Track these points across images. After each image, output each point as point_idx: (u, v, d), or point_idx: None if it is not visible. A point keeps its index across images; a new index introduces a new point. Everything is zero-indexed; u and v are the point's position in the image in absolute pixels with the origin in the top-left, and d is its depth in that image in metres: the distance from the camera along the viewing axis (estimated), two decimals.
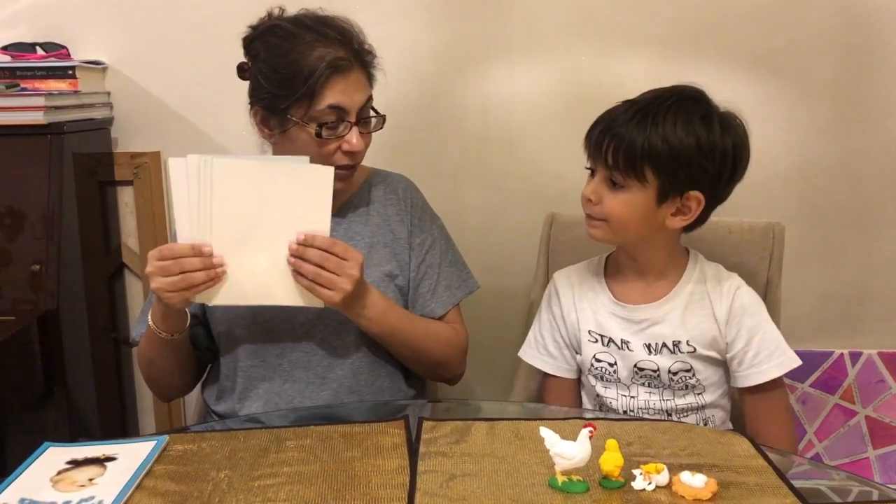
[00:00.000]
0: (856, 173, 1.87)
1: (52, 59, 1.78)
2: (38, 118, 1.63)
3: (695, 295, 1.27)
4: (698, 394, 1.28)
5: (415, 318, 1.39)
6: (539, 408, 1.37)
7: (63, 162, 1.66)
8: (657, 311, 1.27)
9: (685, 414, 1.29)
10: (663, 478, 0.92)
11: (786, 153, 1.87)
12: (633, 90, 1.84)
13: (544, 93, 1.88)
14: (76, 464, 0.98)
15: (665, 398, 1.28)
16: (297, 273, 1.18)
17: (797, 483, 0.93)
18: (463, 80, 1.89)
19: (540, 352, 1.39)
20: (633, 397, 1.30)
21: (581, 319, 1.33)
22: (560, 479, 0.92)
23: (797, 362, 1.24)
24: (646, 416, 1.27)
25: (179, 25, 1.88)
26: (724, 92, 1.82)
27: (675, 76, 1.84)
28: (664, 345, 1.26)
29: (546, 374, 1.40)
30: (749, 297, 1.27)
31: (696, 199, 1.20)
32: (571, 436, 0.93)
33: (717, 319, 1.25)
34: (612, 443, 0.92)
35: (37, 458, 1.00)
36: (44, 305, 1.59)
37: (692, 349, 1.25)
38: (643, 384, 1.29)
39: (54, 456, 1.01)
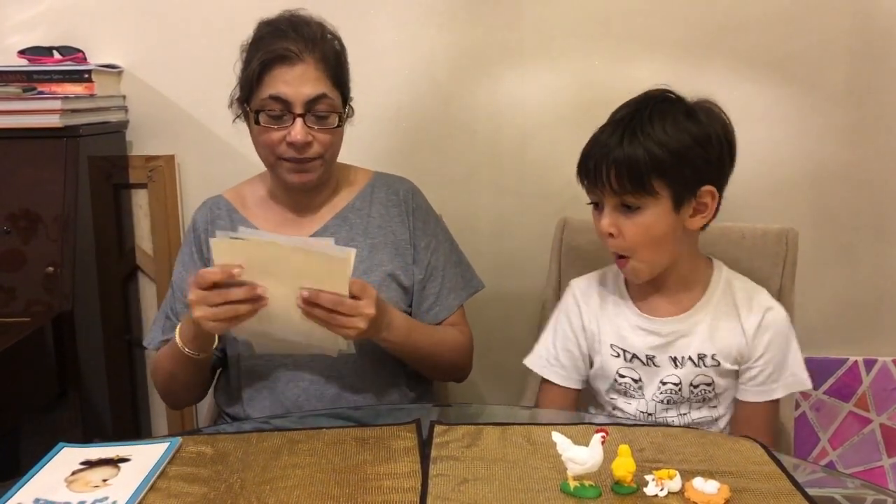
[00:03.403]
0: (870, 178, 1.86)
1: (69, 62, 1.80)
2: (54, 121, 1.64)
3: (721, 306, 1.24)
4: (712, 406, 1.26)
5: (432, 330, 1.40)
6: (551, 413, 1.36)
7: (78, 165, 1.67)
8: (684, 323, 1.25)
9: (699, 428, 1.25)
10: (676, 484, 0.92)
11: (799, 158, 1.86)
12: None
13: (557, 97, 1.88)
14: (90, 464, 0.99)
15: (682, 412, 1.26)
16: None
17: (811, 490, 0.93)
18: (475, 84, 1.89)
19: (550, 362, 1.36)
20: (650, 414, 1.27)
21: (602, 332, 1.31)
22: (572, 484, 0.91)
23: (803, 386, 1.22)
24: None
25: (194, 30, 1.89)
26: (737, 97, 1.83)
27: (689, 80, 1.83)
28: (689, 358, 1.24)
29: (547, 382, 1.37)
30: (782, 318, 1.24)
31: (709, 193, 1.19)
32: (584, 441, 0.93)
33: (744, 332, 1.23)
34: (624, 448, 0.92)
35: (51, 458, 1.01)
36: (58, 307, 1.60)
37: (716, 363, 1.22)
38: (661, 400, 1.26)
39: (68, 456, 1.01)
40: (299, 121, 1.28)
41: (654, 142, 1.15)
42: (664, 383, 1.25)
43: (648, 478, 0.92)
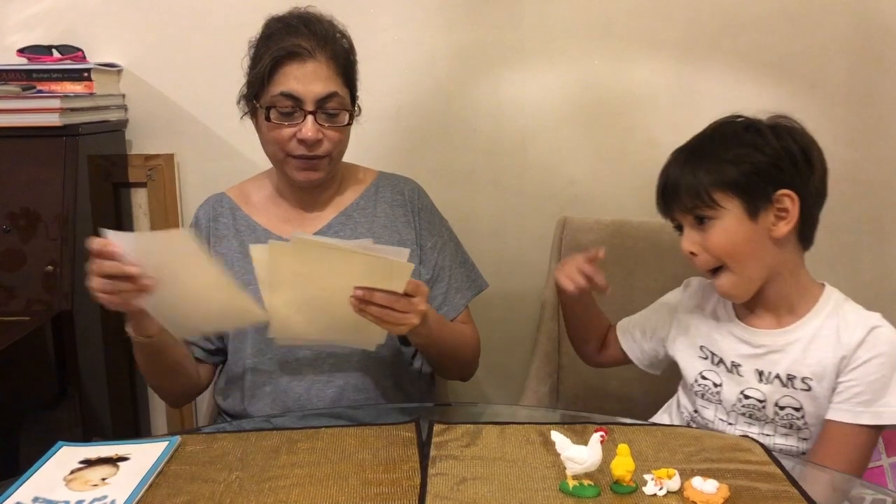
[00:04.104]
0: (870, 180, 1.86)
1: (68, 61, 1.80)
2: (53, 120, 1.64)
3: (823, 329, 1.18)
4: (803, 438, 1.20)
5: (456, 327, 1.41)
6: (550, 412, 1.37)
7: (78, 164, 1.67)
8: (779, 338, 1.20)
9: (785, 457, 1.17)
10: (675, 483, 0.91)
11: None
12: (647, 94, 1.85)
13: (557, 96, 1.88)
14: (89, 463, 0.99)
15: (765, 433, 1.21)
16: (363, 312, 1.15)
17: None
18: (476, 83, 1.89)
19: (631, 330, 1.40)
20: (730, 424, 1.24)
21: (696, 332, 1.29)
22: (571, 483, 0.91)
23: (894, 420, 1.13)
24: None
25: (194, 29, 1.89)
26: (737, 97, 1.84)
27: (689, 81, 1.86)
28: (777, 376, 1.19)
29: (619, 348, 1.41)
30: (891, 341, 1.16)
31: (787, 196, 1.15)
32: (583, 440, 0.93)
33: (843, 346, 1.16)
34: (623, 447, 0.92)
35: (50, 457, 1.01)
36: (58, 306, 1.60)
37: (807, 387, 1.17)
38: (744, 413, 1.22)
39: (68, 455, 1.01)
40: (310, 118, 1.28)
41: (714, 158, 1.17)
42: (746, 396, 1.21)
43: (647, 477, 0.92)
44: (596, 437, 0.91)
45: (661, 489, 0.91)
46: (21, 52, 1.81)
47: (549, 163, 1.91)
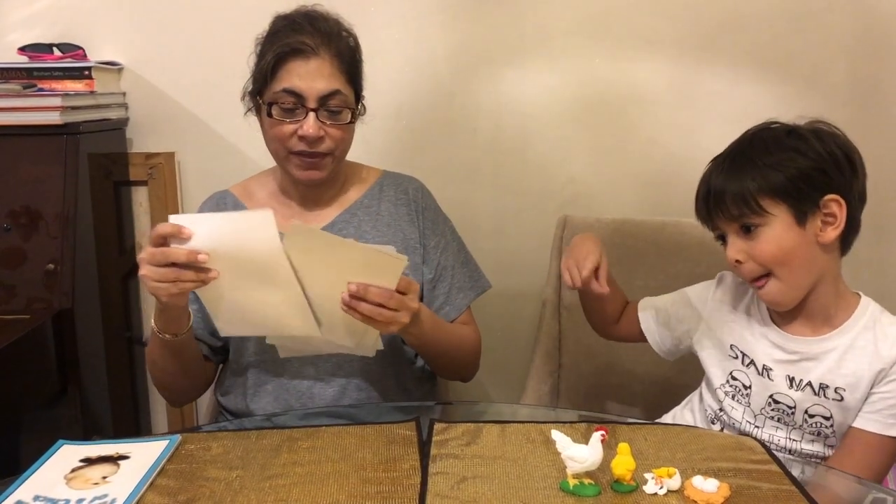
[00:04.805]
0: (870, 178, 1.85)
1: (69, 59, 1.80)
2: (54, 118, 1.64)
3: (859, 340, 1.17)
4: (830, 446, 1.19)
5: (453, 328, 1.41)
6: (551, 410, 1.36)
7: (78, 162, 1.67)
8: (814, 347, 1.18)
9: (808, 461, 1.18)
10: (675, 482, 0.91)
11: None
12: (647, 93, 1.85)
13: (558, 95, 1.88)
14: (90, 462, 0.99)
15: (792, 437, 1.21)
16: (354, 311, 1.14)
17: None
18: (477, 82, 1.89)
19: (654, 313, 1.38)
20: (757, 427, 1.23)
21: (727, 331, 1.27)
22: (571, 482, 0.91)
23: None
24: None
25: (195, 27, 1.89)
26: (737, 95, 1.83)
27: (689, 79, 1.86)
28: (808, 384, 1.18)
29: (637, 326, 1.39)
30: None
31: (834, 201, 1.14)
32: (583, 439, 0.93)
33: (881, 357, 1.14)
34: (624, 446, 0.92)
35: (51, 455, 1.01)
36: (58, 304, 1.60)
37: (839, 397, 1.16)
38: (772, 417, 1.21)
39: (68, 454, 1.01)
40: (312, 115, 1.28)
41: (755, 165, 1.15)
42: (776, 401, 1.20)
43: (648, 476, 0.92)
44: (596, 436, 0.91)
45: (661, 488, 0.91)
46: (22, 50, 1.81)
47: (550, 161, 1.91)
